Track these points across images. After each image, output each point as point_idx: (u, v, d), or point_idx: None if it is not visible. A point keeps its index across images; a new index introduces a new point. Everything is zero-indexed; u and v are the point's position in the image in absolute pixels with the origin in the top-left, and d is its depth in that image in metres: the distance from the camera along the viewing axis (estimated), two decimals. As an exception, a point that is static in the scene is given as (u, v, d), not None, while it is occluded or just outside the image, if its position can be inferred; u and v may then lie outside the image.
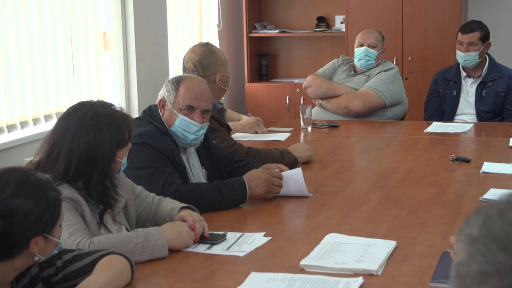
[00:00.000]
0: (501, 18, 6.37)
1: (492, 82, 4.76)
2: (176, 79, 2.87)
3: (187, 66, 3.55)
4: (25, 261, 1.74)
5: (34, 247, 1.71)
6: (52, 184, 1.78)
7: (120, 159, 2.28)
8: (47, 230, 1.73)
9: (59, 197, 1.78)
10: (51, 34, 4.26)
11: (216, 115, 3.43)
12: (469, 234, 0.87)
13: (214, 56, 3.53)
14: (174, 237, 2.25)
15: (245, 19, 6.62)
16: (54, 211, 1.74)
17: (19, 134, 4.00)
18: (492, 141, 4.00)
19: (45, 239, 1.74)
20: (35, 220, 1.70)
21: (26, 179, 1.72)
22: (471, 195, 2.91)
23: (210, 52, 3.54)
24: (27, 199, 1.69)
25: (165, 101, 2.85)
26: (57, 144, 2.21)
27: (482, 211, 0.89)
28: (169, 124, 2.84)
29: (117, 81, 4.94)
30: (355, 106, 4.69)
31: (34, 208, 1.69)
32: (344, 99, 4.74)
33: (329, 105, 4.80)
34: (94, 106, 2.27)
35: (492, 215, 0.87)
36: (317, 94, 4.85)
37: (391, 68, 4.83)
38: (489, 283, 0.83)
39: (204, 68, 3.50)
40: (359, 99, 4.70)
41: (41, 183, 1.74)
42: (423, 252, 2.24)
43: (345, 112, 4.76)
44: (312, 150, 3.54)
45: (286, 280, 2.00)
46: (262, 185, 2.81)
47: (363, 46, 4.80)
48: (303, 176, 2.89)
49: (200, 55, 3.53)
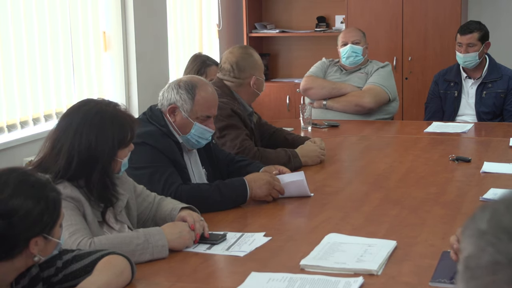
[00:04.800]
0: (501, 18, 6.37)
1: (492, 83, 4.76)
2: (189, 86, 2.84)
3: (224, 67, 3.58)
4: (25, 262, 1.74)
5: (34, 247, 1.71)
6: (52, 184, 1.78)
7: (120, 159, 2.28)
8: (47, 231, 1.73)
9: (59, 197, 1.77)
10: (51, 34, 4.26)
11: (242, 115, 3.47)
12: (477, 229, 0.88)
13: (251, 59, 3.57)
14: (175, 238, 2.25)
15: (245, 19, 6.62)
16: (53, 211, 1.74)
17: (19, 134, 4.00)
18: (492, 141, 4.00)
19: (45, 240, 1.73)
20: (34, 221, 1.69)
21: (25, 180, 1.72)
22: (471, 195, 2.91)
23: (248, 55, 3.58)
24: (27, 200, 1.68)
25: (176, 107, 2.84)
26: (60, 140, 2.21)
27: (488, 208, 0.90)
28: (183, 132, 2.84)
29: (117, 81, 4.95)
30: (367, 103, 4.68)
31: (34, 209, 1.69)
32: (355, 97, 4.72)
33: (337, 105, 4.75)
34: (99, 104, 2.27)
35: (499, 209, 0.88)
36: (321, 95, 4.80)
37: (386, 65, 4.88)
38: (501, 272, 0.83)
39: (240, 70, 3.54)
40: (370, 95, 4.69)
41: (41, 184, 1.74)
42: (423, 252, 2.24)
43: (356, 110, 4.72)
44: (320, 153, 3.53)
45: (286, 280, 2.00)
46: (264, 187, 2.81)
47: (347, 45, 4.81)
48: (305, 180, 2.89)
49: (238, 57, 3.56)
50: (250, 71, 3.54)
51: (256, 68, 3.57)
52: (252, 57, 3.58)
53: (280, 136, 3.81)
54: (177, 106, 2.83)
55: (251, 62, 3.56)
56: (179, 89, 2.83)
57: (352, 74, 4.85)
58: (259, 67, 3.59)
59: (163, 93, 2.88)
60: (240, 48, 3.65)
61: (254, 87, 3.56)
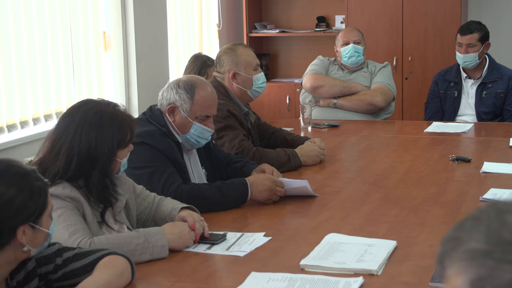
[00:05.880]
0: (501, 18, 6.37)
1: (492, 83, 4.76)
2: (188, 85, 2.84)
3: (215, 62, 3.63)
4: (15, 253, 1.73)
5: (21, 237, 1.71)
6: (37, 173, 1.78)
7: (120, 159, 2.28)
8: (33, 219, 1.73)
9: (45, 186, 1.77)
10: (51, 34, 4.26)
11: (238, 115, 3.47)
12: (475, 250, 0.85)
13: (233, 54, 3.56)
14: (175, 238, 2.25)
15: (245, 19, 6.62)
16: (39, 199, 1.74)
17: (19, 134, 4.00)
18: (492, 141, 4.00)
19: (33, 229, 1.73)
20: (18, 209, 1.69)
21: (8, 169, 1.72)
22: (471, 195, 2.91)
23: (231, 50, 3.58)
24: (10, 188, 1.69)
25: (175, 107, 2.84)
26: (59, 140, 2.21)
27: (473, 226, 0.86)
28: (183, 131, 2.85)
29: (117, 81, 4.95)
30: (379, 102, 4.68)
31: (17, 196, 1.69)
32: (367, 96, 4.71)
33: (349, 103, 4.72)
34: (98, 104, 2.28)
35: (491, 225, 0.85)
36: (332, 93, 4.75)
37: (386, 64, 4.90)
38: None
39: (220, 64, 3.57)
40: (381, 94, 4.69)
41: (25, 172, 1.74)
42: (423, 252, 2.24)
43: (368, 109, 4.71)
44: (320, 153, 3.53)
45: (286, 280, 2.00)
46: (264, 192, 2.81)
47: (348, 44, 4.80)
48: (309, 186, 2.88)
49: (222, 52, 3.60)
50: (228, 65, 3.54)
51: (236, 62, 3.54)
52: (234, 51, 3.57)
53: (279, 136, 3.81)
54: (176, 106, 2.83)
55: (231, 56, 3.55)
56: (178, 89, 2.83)
57: (356, 73, 4.85)
58: (240, 61, 3.55)
59: (162, 93, 2.88)
60: (230, 44, 3.67)
61: (235, 82, 3.54)
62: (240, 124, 3.48)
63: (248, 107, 3.67)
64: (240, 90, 3.56)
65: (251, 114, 3.68)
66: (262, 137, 3.79)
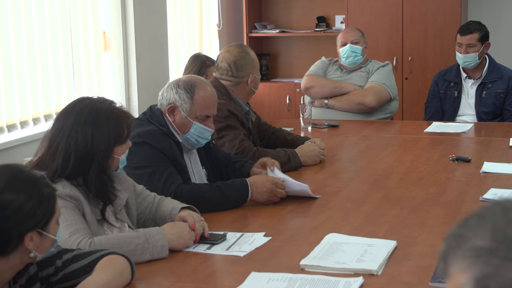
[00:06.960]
0: (501, 18, 6.37)
1: (492, 83, 4.76)
2: (188, 85, 2.84)
3: (221, 66, 3.58)
4: (21, 258, 1.73)
5: (29, 243, 1.70)
6: (46, 180, 1.78)
7: (117, 156, 2.28)
8: (41, 226, 1.73)
9: (53, 193, 1.77)
10: (51, 34, 4.26)
11: (239, 115, 3.47)
12: (479, 248, 0.84)
13: (249, 58, 3.58)
14: (175, 238, 2.25)
15: (245, 19, 6.62)
16: (48, 206, 1.74)
17: (19, 134, 4.00)
18: (492, 141, 4.00)
19: (40, 235, 1.73)
20: (27, 215, 1.69)
21: (18, 175, 1.72)
22: (471, 195, 2.91)
23: (245, 54, 3.59)
24: (19, 194, 1.68)
25: (175, 107, 2.84)
26: (56, 139, 2.21)
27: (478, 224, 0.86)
28: (183, 131, 2.85)
29: (117, 81, 4.95)
30: (369, 101, 4.68)
31: (26, 203, 1.69)
32: (357, 96, 4.71)
33: (339, 103, 4.74)
34: (94, 101, 2.28)
35: (497, 223, 0.85)
36: (322, 94, 4.79)
37: (386, 64, 4.88)
38: None
39: (238, 69, 3.55)
40: (372, 94, 4.69)
41: (34, 179, 1.74)
42: (423, 252, 2.24)
43: (359, 109, 4.72)
44: (320, 153, 3.53)
45: (286, 280, 2.00)
46: (265, 194, 2.81)
47: (346, 45, 4.82)
48: (309, 189, 2.88)
49: (235, 56, 3.57)
50: (248, 70, 3.55)
51: (253, 66, 3.58)
52: (249, 55, 3.59)
53: (280, 136, 3.82)
54: (176, 106, 2.83)
55: (248, 60, 3.57)
56: (178, 89, 2.83)
57: (353, 73, 4.85)
58: (256, 65, 3.61)
59: (162, 93, 2.88)
60: (236, 46, 3.65)
61: (252, 85, 3.57)
62: (241, 123, 3.48)
63: (248, 106, 3.68)
64: (250, 91, 3.58)
65: (251, 113, 3.69)
66: (262, 137, 3.80)
